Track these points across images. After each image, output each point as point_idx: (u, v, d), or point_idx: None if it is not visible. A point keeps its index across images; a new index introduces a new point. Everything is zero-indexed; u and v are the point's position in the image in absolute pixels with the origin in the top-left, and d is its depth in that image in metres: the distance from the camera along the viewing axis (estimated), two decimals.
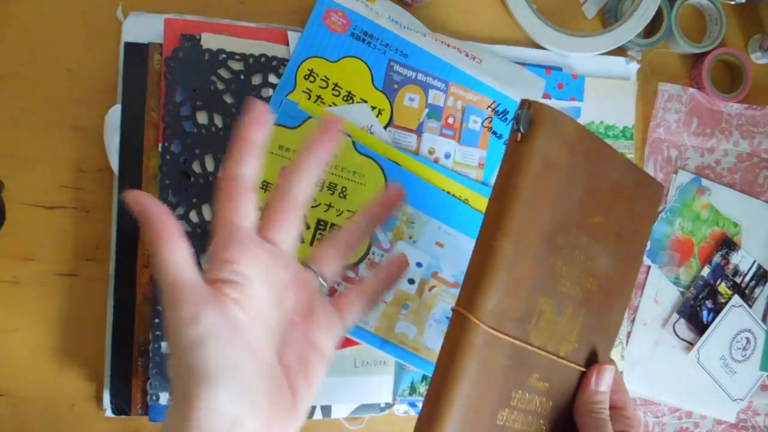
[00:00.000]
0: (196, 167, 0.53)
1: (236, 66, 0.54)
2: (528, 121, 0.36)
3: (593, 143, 0.38)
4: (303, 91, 0.55)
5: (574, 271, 0.38)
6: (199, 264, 0.54)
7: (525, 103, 0.37)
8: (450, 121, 0.57)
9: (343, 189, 0.54)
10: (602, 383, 0.41)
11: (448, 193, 0.57)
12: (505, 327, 0.35)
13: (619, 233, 0.40)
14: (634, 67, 0.63)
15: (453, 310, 0.35)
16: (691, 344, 0.64)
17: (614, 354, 0.61)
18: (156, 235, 0.32)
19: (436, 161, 0.57)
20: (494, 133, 0.58)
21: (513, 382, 0.37)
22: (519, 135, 0.36)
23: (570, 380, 0.40)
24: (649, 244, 0.63)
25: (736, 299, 0.64)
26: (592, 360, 0.41)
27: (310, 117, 0.54)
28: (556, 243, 0.37)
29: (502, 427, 0.37)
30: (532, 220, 0.36)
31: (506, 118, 0.58)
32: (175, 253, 0.32)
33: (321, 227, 0.54)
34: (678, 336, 0.64)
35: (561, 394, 0.40)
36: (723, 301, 0.64)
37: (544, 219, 0.36)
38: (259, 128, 0.35)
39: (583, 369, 0.41)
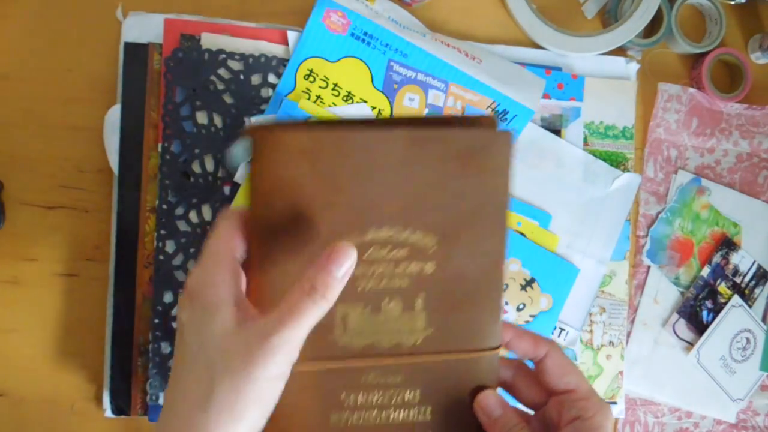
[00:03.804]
0: (196, 167, 0.53)
1: (236, 66, 0.54)
2: (248, 149, 0.34)
3: (349, 139, 0.35)
4: (303, 91, 0.55)
5: (380, 265, 0.37)
6: None
7: (250, 132, 0.35)
8: None
9: None
10: (492, 413, 0.38)
11: None
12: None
13: (446, 205, 0.37)
14: (634, 67, 0.63)
15: None
16: (691, 344, 0.64)
17: (614, 354, 0.61)
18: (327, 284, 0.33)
19: None
20: None
21: (338, 388, 0.37)
22: (249, 167, 0.35)
23: (445, 368, 0.39)
24: (649, 243, 0.63)
25: (736, 299, 0.64)
26: (470, 338, 0.39)
27: (310, 117, 0.54)
28: None
29: (342, 428, 0.37)
30: (287, 244, 0.35)
31: (506, 118, 0.58)
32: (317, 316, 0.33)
33: None
34: (678, 336, 0.64)
35: (439, 382, 0.39)
36: (723, 301, 0.64)
37: (300, 240, 0.35)
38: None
39: (447, 357, 0.38)
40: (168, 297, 0.53)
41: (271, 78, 0.55)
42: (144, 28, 0.54)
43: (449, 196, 0.37)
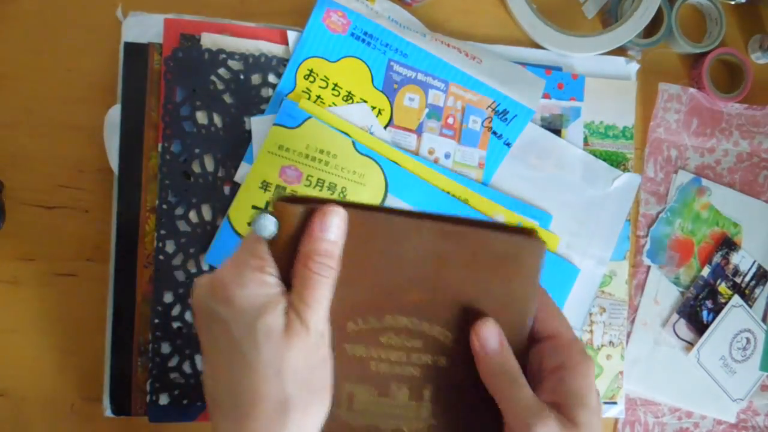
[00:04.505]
0: (196, 167, 0.53)
1: (236, 66, 0.54)
2: (275, 224, 0.34)
3: (381, 222, 0.35)
4: (303, 91, 0.55)
5: (394, 352, 0.37)
6: (199, 264, 0.54)
7: (275, 207, 0.34)
8: (450, 121, 0.57)
9: (343, 189, 0.54)
10: (487, 344, 0.36)
11: (448, 193, 0.57)
12: None
13: (468, 304, 0.37)
14: (634, 67, 0.63)
15: None
16: (691, 344, 0.64)
17: (614, 354, 0.61)
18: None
19: (436, 161, 0.57)
20: (494, 133, 0.58)
21: None
22: (270, 242, 0.34)
23: None
24: (649, 243, 0.63)
25: (736, 299, 0.64)
26: None
27: (310, 117, 0.54)
28: (347, 330, 0.36)
29: None
30: None
31: (506, 118, 0.58)
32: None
33: None
34: (678, 336, 0.64)
35: None
36: (723, 301, 0.64)
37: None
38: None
39: None
40: (168, 297, 0.53)
41: (271, 78, 0.55)
42: (144, 28, 0.54)
43: (474, 296, 0.36)
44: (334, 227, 0.34)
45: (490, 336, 0.36)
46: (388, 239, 0.35)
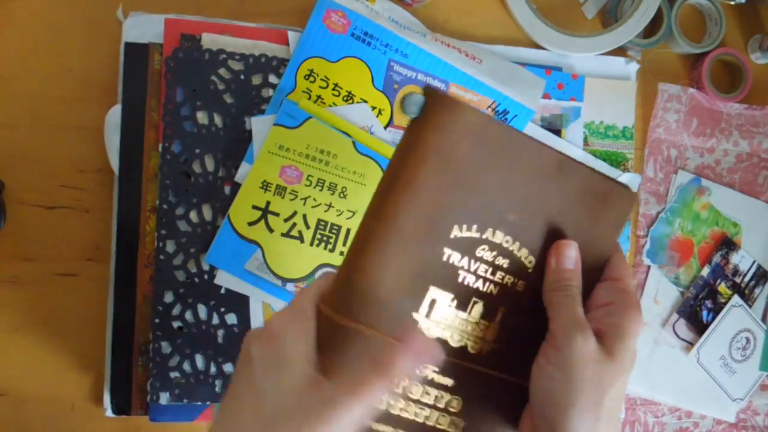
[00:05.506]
0: (196, 167, 0.53)
1: (236, 66, 0.54)
2: (419, 105, 0.35)
3: (511, 138, 0.36)
4: (303, 91, 0.55)
5: (481, 266, 0.37)
6: (199, 264, 0.54)
7: (425, 90, 0.35)
8: None
9: (344, 189, 0.54)
10: (564, 261, 0.37)
11: None
12: (376, 316, 0.35)
13: (558, 234, 0.38)
14: (634, 67, 0.63)
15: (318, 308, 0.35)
16: (691, 344, 0.64)
17: None
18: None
19: None
20: None
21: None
22: (410, 120, 0.36)
23: (488, 390, 0.39)
24: (649, 243, 0.63)
25: (736, 299, 0.64)
26: (519, 368, 0.38)
27: (310, 117, 0.54)
28: (450, 234, 0.36)
29: (386, 413, 0.37)
30: (416, 207, 0.35)
31: (506, 119, 0.58)
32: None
33: (321, 227, 0.54)
34: (678, 336, 0.64)
35: (485, 399, 0.38)
36: (723, 301, 0.64)
37: (429, 209, 0.35)
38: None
39: (503, 376, 0.38)
40: (168, 297, 0.53)
41: (272, 78, 0.55)
42: (144, 28, 0.54)
43: (565, 228, 0.38)
44: (422, 362, 0.36)
45: (569, 255, 0.37)
46: (514, 157, 0.36)
